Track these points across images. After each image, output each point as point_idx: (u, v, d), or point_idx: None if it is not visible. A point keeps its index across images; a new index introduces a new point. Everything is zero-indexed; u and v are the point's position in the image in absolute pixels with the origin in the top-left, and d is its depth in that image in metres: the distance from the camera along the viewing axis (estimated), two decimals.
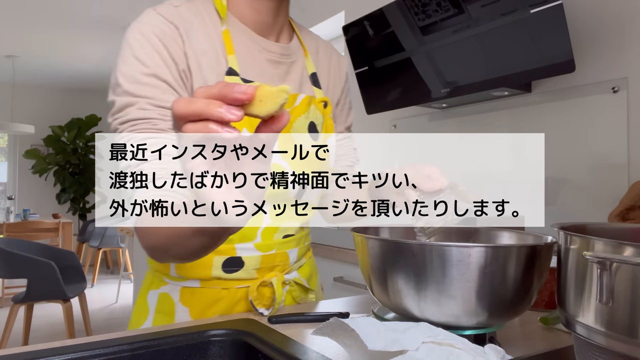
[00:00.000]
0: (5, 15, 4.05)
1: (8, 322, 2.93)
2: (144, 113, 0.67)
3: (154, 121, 0.67)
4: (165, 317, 0.81)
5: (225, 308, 0.81)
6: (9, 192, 6.59)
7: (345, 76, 0.97)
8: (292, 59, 0.84)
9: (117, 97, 0.68)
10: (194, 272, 0.80)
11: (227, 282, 0.80)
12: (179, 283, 0.81)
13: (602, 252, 0.44)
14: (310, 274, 0.94)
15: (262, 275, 0.82)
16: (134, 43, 0.69)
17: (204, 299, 0.80)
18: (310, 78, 0.87)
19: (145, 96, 0.67)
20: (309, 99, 0.83)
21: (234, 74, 0.73)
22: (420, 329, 0.52)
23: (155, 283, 0.83)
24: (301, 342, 0.64)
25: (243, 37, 0.78)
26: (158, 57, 0.69)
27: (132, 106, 0.67)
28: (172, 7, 0.73)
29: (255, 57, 0.78)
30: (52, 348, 0.60)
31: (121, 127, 0.68)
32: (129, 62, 0.68)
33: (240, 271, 0.80)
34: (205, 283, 0.80)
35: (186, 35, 0.72)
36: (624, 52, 1.43)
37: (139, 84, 0.67)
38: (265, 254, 0.81)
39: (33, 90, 6.69)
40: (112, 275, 5.94)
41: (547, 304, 0.86)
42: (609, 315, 0.44)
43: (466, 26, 1.58)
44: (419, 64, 1.81)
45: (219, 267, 0.79)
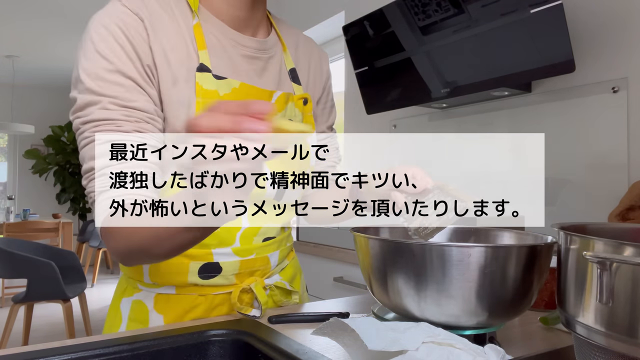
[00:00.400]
0: (5, 15, 4.05)
1: (8, 322, 2.93)
2: (108, 114, 0.63)
3: (118, 122, 0.63)
4: (139, 324, 0.77)
5: (202, 314, 0.78)
6: (9, 192, 6.59)
7: (326, 73, 0.94)
8: (269, 54, 0.80)
9: (79, 95, 0.64)
10: (168, 278, 0.76)
11: (204, 289, 0.77)
12: (153, 290, 0.77)
13: (602, 252, 0.44)
14: (293, 275, 0.91)
15: (241, 280, 0.79)
16: (96, 37, 0.64)
17: (180, 306, 0.77)
18: (289, 74, 0.84)
19: (108, 95, 0.63)
20: (286, 96, 0.80)
21: (206, 70, 0.70)
22: (420, 329, 0.52)
23: (129, 290, 0.80)
24: (301, 342, 0.64)
25: (215, 31, 0.74)
26: (122, 51, 0.65)
27: (94, 105, 0.63)
28: None
29: (229, 52, 0.74)
30: (52, 348, 0.60)
31: (83, 127, 0.64)
32: (91, 58, 0.64)
33: (218, 277, 0.77)
34: (181, 289, 0.77)
35: (152, 29, 0.67)
36: (624, 52, 1.43)
37: (102, 81, 0.63)
38: (244, 259, 0.78)
39: (33, 90, 6.69)
40: (112, 275, 5.94)
41: (547, 304, 0.86)
42: (609, 315, 0.44)
43: (466, 26, 1.58)
44: (419, 64, 1.81)
45: (195, 273, 0.75)
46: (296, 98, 0.82)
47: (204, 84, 0.69)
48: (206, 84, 0.69)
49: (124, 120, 0.63)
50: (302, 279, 0.97)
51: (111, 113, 0.63)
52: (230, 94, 0.71)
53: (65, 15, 4.00)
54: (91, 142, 0.63)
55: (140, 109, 0.65)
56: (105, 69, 0.64)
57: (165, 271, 0.75)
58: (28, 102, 6.63)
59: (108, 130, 0.63)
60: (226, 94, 0.70)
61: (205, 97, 0.68)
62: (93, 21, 0.66)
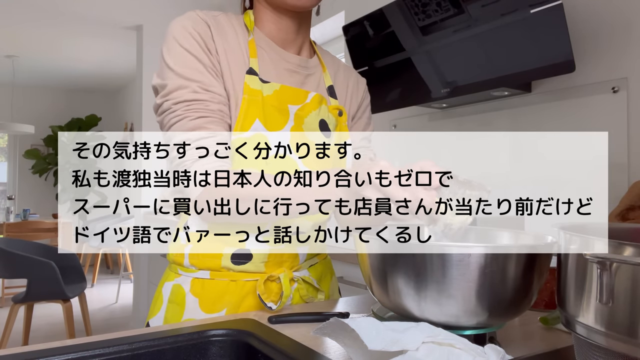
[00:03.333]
0: (5, 15, 4.05)
1: (8, 322, 2.93)
2: (196, 95, 0.76)
3: (206, 102, 0.77)
4: (177, 307, 0.85)
5: (234, 301, 0.84)
6: (9, 192, 6.59)
7: (363, 93, 1.03)
8: (309, 72, 0.92)
9: (169, 81, 0.77)
10: (205, 262, 0.85)
11: (235, 274, 0.85)
12: (190, 274, 0.86)
13: (602, 252, 0.44)
14: (322, 274, 0.95)
15: (270, 270, 0.85)
16: (180, 36, 0.79)
17: (213, 291, 0.84)
18: (327, 90, 0.94)
19: (195, 80, 0.77)
20: (320, 97, 0.89)
21: (254, 74, 0.82)
22: (420, 329, 0.52)
23: (171, 275, 0.89)
24: (301, 342, 0.64)
25: (265, 47, 0.87)
26: (200, 48, 0.79)
27: (184, 89, 0.76)
28: (210, 14, 0.84)
29: (275, 63, 0.87)
30: (52, 348, 0.60)
31: (174, 106, 0.76)
32: (177, 52, 0.78)
33: (248, 264, 0.84)
34: (215, 274, 0.85)
35: (217, 36, 0.81)
36: (624, 53, 1.43)
37: (189, 69, 0.77)
38: (273, 249, 0.85)
39: (33, 90, 6.69)
40: (112, 275, 5.94)
41: (547, 304, 0.86)
42: (609, 315, 0.44)
43: (466, 26, 1.58)
44: (419, 64, 1.81)
45: (228, 257, 0.84)
46: (331, 107, 0.92)
47: (251, 84, 0.82)
48: (252, 84, 0.82)
49: (210, 101, 0.77)
50: (333, 281, 1.00)
51: (199, 95, 0.77)
52: (272, 95, 0.83)
53: (65, 15, 4.00)
54: (184, 117, 0.76)
55: (219, 93, 0.79)
56: (190, 60, 0.78)
57: (203, 255, 0.85)
58: (28, 102, 6.63)
59: (198, 109, 0.76)
60: (268, 95, 0.83)
61: (250, 95, 0.81)
62: (174, 24, 0.80)
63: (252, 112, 0.80)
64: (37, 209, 6.48)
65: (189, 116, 0.76)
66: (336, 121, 0.92)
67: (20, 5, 3.81)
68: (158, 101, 0.79)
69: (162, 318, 0.86)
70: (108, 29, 4.37)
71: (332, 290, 0.98)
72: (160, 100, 0.78)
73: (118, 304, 4.58)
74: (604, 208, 1.41)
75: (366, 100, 1.04)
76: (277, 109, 0.83)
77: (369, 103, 1.05)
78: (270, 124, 0.82)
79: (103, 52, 5.12)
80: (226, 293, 0.84)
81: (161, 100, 0.78)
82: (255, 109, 0.80)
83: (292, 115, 0.84)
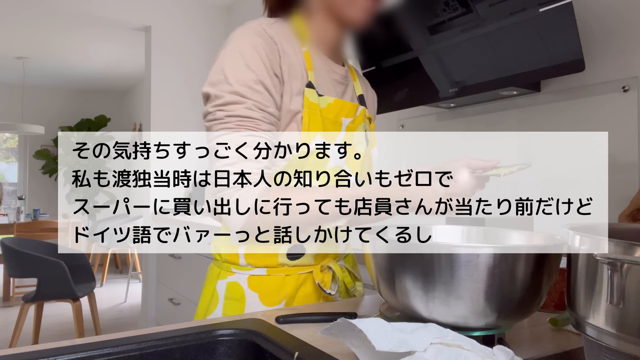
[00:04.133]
0: (15, 17, 4.09)
1: (18, 321, 2.96)
2: (251, 113, 0.78)
3: (257, 121, 0.79)
4: (236, 302, 0.88)
5: (291, 291, 0.90)
6: (19, 192, 6.66)
7: (373, 106, 1.09)
8: (348, 81, 0.97)
9: (227, 94, 0.79)
10: (262, 261, 0.89)
11: (290, 269, 0.90)
12: (246, 272, 0.89)
13: (613, 253, 0.43)
14: (353, 263, 1.04)
15: (318, 262, 0.92)
16: (246, 52, 0.80)
17: (271, 285, 0.89)
18: (358, 99, 0.99)
19: (252, 99, 0.79)
20: (365, 111, 0.96)
21: (312, 87, 0.86)
22: (429, 330, 0.52)
23: (223, 274, 0.91)
24: (309, 342, 0.64)
25: (318, 58, 0.90)
26: (263, 67, 0.80)
27: (240, 104, 0.78)
28: (269, 24, 0.85)
29: (325, 75, 0.91)
30: (62, 347, 0.61)
31: (226, 118, 0.78)
32: (240, 68, 0.79)
33: (302, 258, 0.90)
34: (271, 270, 0.89)
35: (282, 51, 0.83)
36: (635, 51, 1.42)
37: (248, 88, 0.79)
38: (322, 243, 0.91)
39: (43, 92, 6.75)
40: (121, 275, 5.98)
41: (557, 305, 0.85)
42: (619, 316, 0.43)
43: (474, 25, 1.57)
44: (426, 63, 1.80)
45: (284, 255, 0.89)
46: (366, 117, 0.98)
47: (310, 97, 0.85)
48: (311, 98, 0.85)
49: (262, 121, 0.79)
50: (358, 271, 1.06)
51: (254, 113, 0.79)
52: (326, 108, 0.87)
53: (74, 17, 4.03)
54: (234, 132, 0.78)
55: (272, 114, 0.81)
56: (251, 79, 0.79)
57: (260, 254, 0.89)
58: (38, 103, 6.69)
59: (248, 126, 0.78)
60: (322, 108, 0.87)
61: (309, 108, 0.85)
62: (241, 38, 0.81)
63: (313, 125, 0.84)
64: (47, 209, 6.54)
65: (239, 131, 0.78)
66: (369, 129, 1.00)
67: (30, 7, 3.84)
68: (210, 109, 0.80)
69: (220, 314, 0.89)
70: (117, 31, 4.40)
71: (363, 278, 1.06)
72: (212, 108, 0.80)
73: (127, 304, 4.61)
74: (613, 208, 1.40)
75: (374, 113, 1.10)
76: (332, 122, 0.88)
77: None
78: (328, 136, 0.86)
79: (112, 53, 5.15)
80: (283, 286, 0.89)
81: (214, 109, 0.80)
82: (315, 123, 0.84)
83: (343, 128, 0.90)
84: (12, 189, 6.85)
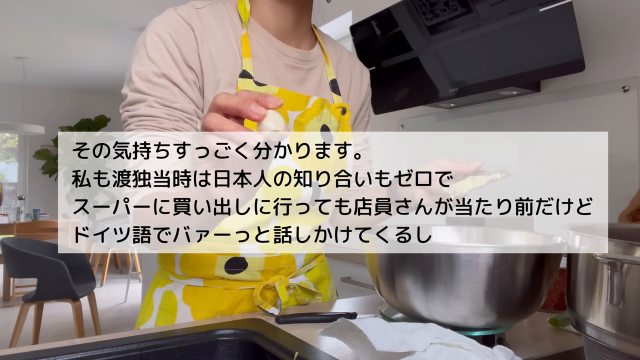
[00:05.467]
0: (15, 17, 4.09)
1: (18, 321, 2.96)
2: (151, 111, 0.71)
3: (159, 119, 0.71)
4: (168, 314, 0.82)
5: (227, 308, 0.81)
6: (19, 192, 6.65)
7: (366, 88, 0.97)
8: (310, 66, 0.85)
9: (130, 92, 0.72)
10: (197, 270, 0.81)
11: (229, 283, 0.81)
12: (182, 281, 0.82)
13: (613, 253, 0.43)
14: (320, 277, 0.93)
15: (266, 277, 0.82)
16: (149, 43, 0.72)
17: (207, 298, 0.81)
18: (330, 84, 0.88)
19: (154, 95, 0.71)
20: (322, 101, 0.82)
21: (248, 77, 0.75)
22: (428, 330, 0.52)
23: (162, 281, 0.85)
24: (309, 342, 0.64)
25: (262, 41, 0.79)
26: (170, 58, 0.72)
27: (141, 102, 0.71)
28: (194, 8, 0.75)
29: (272, 61, 0.80)
30: (62, 347, 0.61)
31: (129, 120, 0.72)
32: (143, 62, 0.72)
33: (243, 272, 0.80)
34: (208, 282, 0.81)
35: (201, 37, 0.74)
36: (635, 51, 1.42)
37: (150, 83, 0.71)
38: (269, 256, 0.80)
39: (43, 92, 6.75)
40: (121, 275, 5.98)
41: (557, 305, 0.85)
42: (619, 316, 0.43)
43: (474, 25, 1.57)
44: (426, 63, 1.80)
45: (222, 266, 0.79)
46: (334, 106, 0.85)
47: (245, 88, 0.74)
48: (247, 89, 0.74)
49: (165, 119, 0.71)
50: (331, 283, 0.98)
51: (155, 110, 0.71)
52: None
53: (74, 17, 4.04)
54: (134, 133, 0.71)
55: (180, 109, 0.72)
56: (153, 72, 0.71)
57: (195, 263, 0.80)
58: (38, 103, 6.69)
59: (150, 126, 0.71)
60: None
61: None
62: (149, 27, 0.73)
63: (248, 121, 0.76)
64: (47, 209, 6.54)
65: (139, 132, 0.71)
66: (339, 122, 0.86)
67: (30, 8, 3.84)
68: (120, 111, 0.74)
69: (153, 324, 0.84)
70: (117, 30, 4.40)
71: (331, 293, 0.97)
72: (121, 110, 0.74)
73: (127, 304, 4.61)
74: (613, 208, 1.40)
75: (369, 97, 0.98)
76: None
77: (370, 99, 1.00)
78: None
79: (112, 53, 5.15)
80: (220, 301, 0.81)
81: (122, 111, 0.74)
82: None
83: (291, 122, 0.79)
84: (12, 189, 6.84)
